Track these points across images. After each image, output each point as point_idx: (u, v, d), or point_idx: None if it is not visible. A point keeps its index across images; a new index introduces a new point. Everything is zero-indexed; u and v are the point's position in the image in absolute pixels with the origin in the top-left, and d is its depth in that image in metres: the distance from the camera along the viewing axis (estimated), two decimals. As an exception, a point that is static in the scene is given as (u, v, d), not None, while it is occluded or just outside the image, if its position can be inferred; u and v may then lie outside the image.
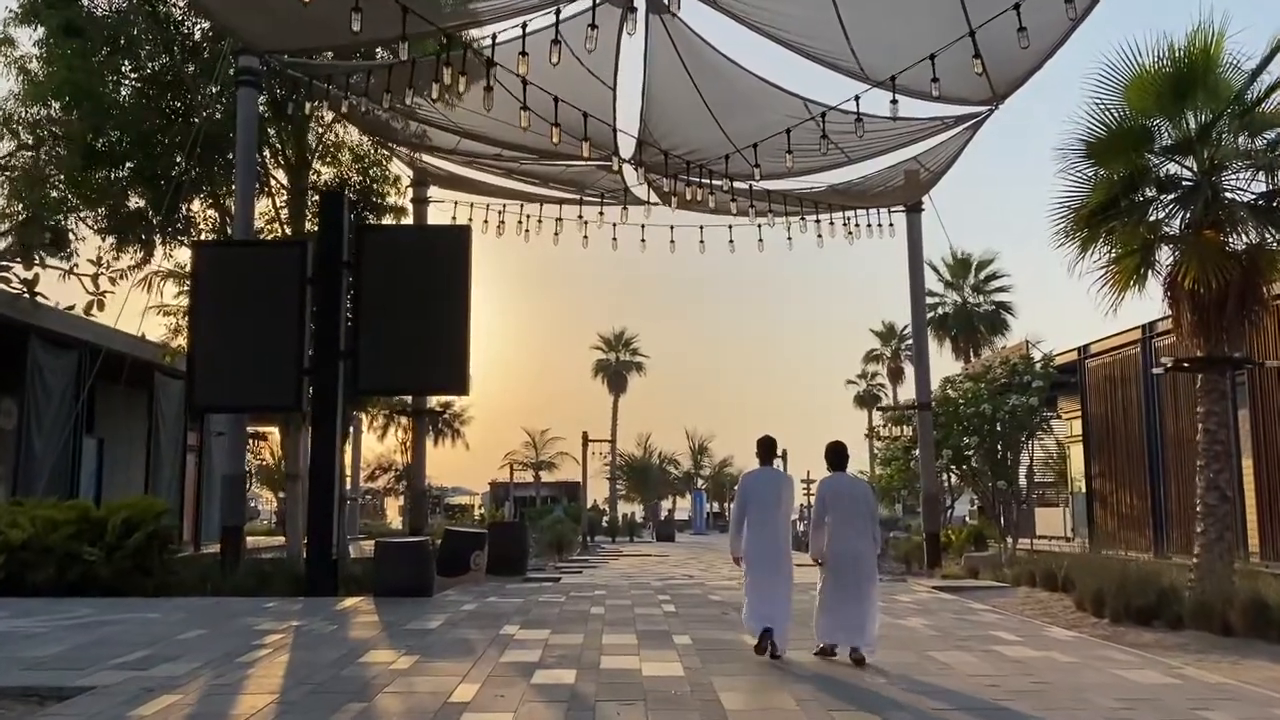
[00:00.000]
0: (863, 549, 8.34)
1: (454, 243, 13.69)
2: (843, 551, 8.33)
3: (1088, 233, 13.39)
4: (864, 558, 8.37)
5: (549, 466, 57.45)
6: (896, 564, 21.20)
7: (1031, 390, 22.10)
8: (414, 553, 12.96)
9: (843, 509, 8.36)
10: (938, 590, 14.87)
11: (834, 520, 8.35)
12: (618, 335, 62.45)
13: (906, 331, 59.28)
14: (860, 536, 8.31)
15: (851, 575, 8.32)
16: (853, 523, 8.32)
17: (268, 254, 13.75)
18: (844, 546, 8.31)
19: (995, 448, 22.79)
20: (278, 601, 12.37)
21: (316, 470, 13.23)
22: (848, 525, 8.32)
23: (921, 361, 20.45)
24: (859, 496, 8.49)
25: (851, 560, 8.32)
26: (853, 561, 8.33)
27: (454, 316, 13.44)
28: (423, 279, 13.55)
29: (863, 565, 8.37)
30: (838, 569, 8.34)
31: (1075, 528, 28.62)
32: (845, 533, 8.31)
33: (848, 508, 8.36)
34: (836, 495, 8.44)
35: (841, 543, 8.31)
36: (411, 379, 13.56)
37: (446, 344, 13.36)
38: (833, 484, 8.53)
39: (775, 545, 8.48)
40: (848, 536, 8.31)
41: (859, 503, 8.42)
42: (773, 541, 8.47)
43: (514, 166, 18.02)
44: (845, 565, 8.32)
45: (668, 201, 18.33)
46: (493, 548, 17.85)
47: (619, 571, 19.52)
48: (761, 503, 8.48)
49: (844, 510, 8.35)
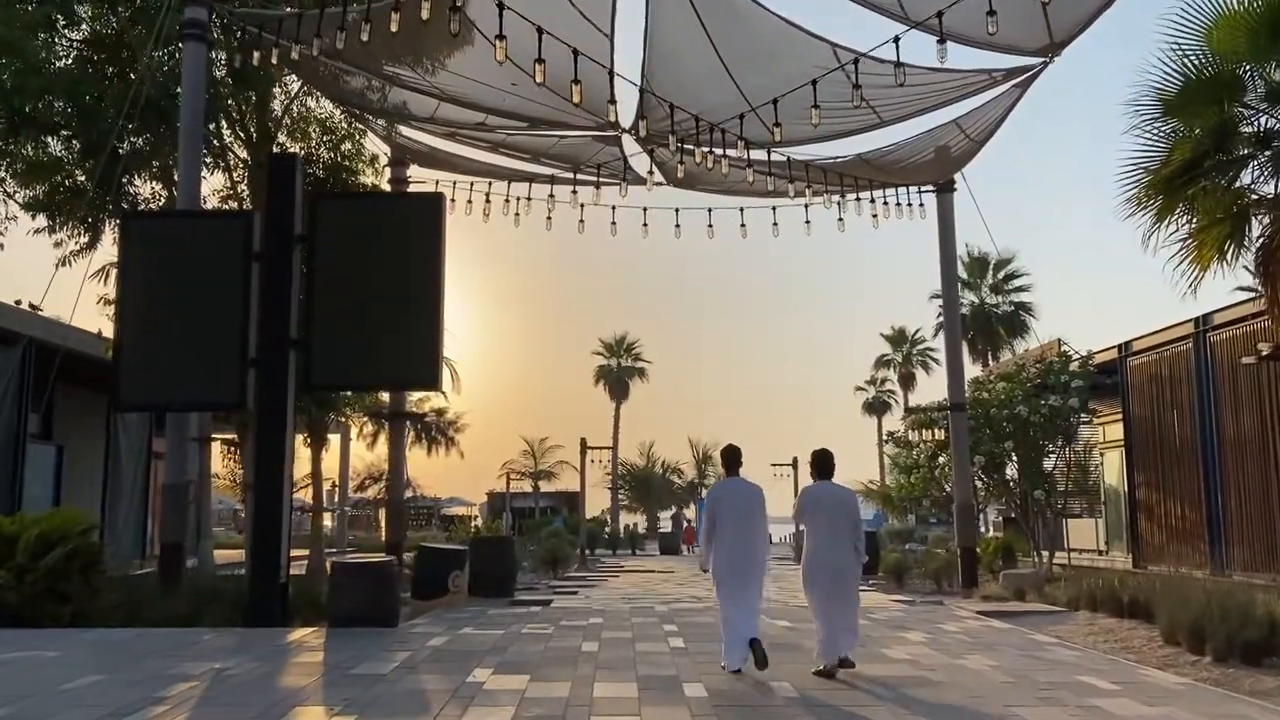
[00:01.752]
0: (846, 559, 8.05)
1: (424, 213, 11.79)
2: (825, 562, 8.05)
3: (1164, 199, 11.48)
4: (847, 568, 8.08)
5: (548, 476, 55.50)
6: (924, 582, 19.24)
7: (1071, 391, 20.16)
8: (376, 576, 11.02)
9: (825, 518, 8.10)
10: (985, 616, 12.91)
11: (817, 530, 8.12)
12: (619, 340, 60.55)
13: (919, 335, 57.44)
14: (843, 547, 8.03)
15: (834, 586, 8.04)
16: (836, 533, 8.05)
17: (207, 227, 11.86)
18: (827, 557, 8.05)
19: (1030, 453, 20.82)
20: (214, 633, 10.45)
21: (262, 477, 11.31)
22: (831, 535, 8.06)
23: (954, 358, 18.51)
24: (842, 505, 8.22)
25: (834, 571, 8.04)
26: (835, 572, 8.05)
27: (425, 299, 11.54)
28: (389, 255, 11.66)
29: (845, 575, 8.08)
30: (820, 580, 8.07)
31: (1109, 540, 26.71)
32: (828, 543, 8.06)
33: (830, 517, 8.10)
34: (818, 504, 8.18)
35: (824, 553, 8.06)
36: (375, 372, 11.64)
37: (416, 331, 11.45)
38: (815, 492, 8.29)
39: (748, 559, 8.14)
40: (831, 547, 8.04)
41: (842, 511, 8.15)
42: (745, 555, 8.13)
43: (500, 139, 16.14)
44: (827, 576, 8.05)
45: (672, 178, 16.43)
46: (477, 566, 15.93)
47: (619, 591, 17.56)
48: (732, 515, 8.18)
49: (827, 520, 8.09)
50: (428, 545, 14.45)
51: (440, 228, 11.69)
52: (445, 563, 13.97)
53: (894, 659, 9.03)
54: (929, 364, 57.14)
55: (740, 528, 8.15)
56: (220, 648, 9.43)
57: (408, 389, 15.78)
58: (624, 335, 60.80)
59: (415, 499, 52.48)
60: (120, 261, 11.80)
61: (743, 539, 8.13)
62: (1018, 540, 25.20)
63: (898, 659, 9.02)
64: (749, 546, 8.15)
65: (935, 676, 8.07)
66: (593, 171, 15.94)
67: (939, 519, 49.45)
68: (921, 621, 12.06)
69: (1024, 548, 25.52)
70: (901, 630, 11.13)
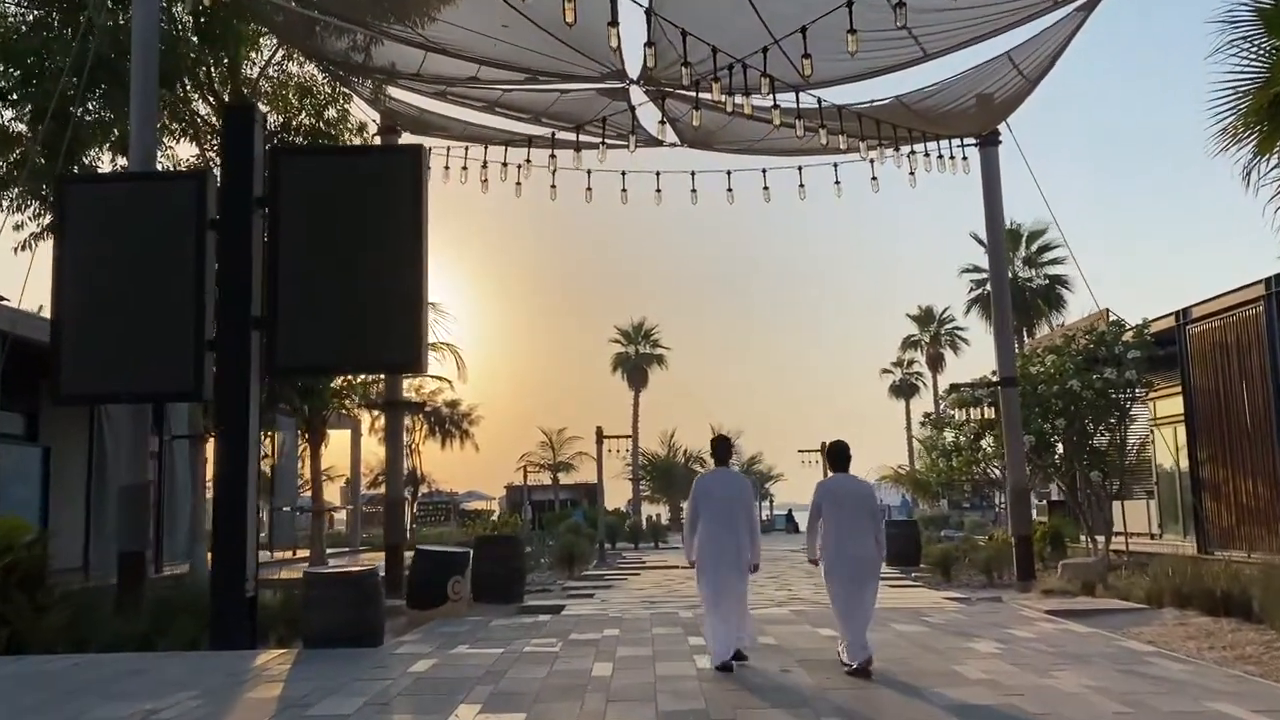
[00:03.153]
0: (866, 553, 7.86)
1: (402, 168, 10.25)
2: (846, 555, 7.84)
3: (1269, 127, 9.78)
4: (867, 562, 7.88)
5: (567, 468, 53.97)
6: (973, 574, 17.62)
7: (1128, 362, 18.46)
8: (355, 588, 9.52)
9: (844, 512, 7.92)
10: (1056, 616, 11.30)
11: (835, 524, 7.91)
12: (637, 326, 58.88)
13: (947, 314, 55.55)
14: (864, 541, 7.85)
15: (853, 583, 7.84)
16: (855, 526, 7.86)
17: (155, 191, 10.35)
18: (847, 550, 7.84)
19: (1085, 430, 19.14)
20: (168, 659, 9.01)
21: (223, 476, 9.83)
22: (849, 529, 7.87)
23: (1003, 329, 16.83)
24: (861, 498, 8.06)
25: (855, 564, 7.84)
26: (856, 565, 7.84)
27: (405, 267, 10.02)
28: (363, 219, 10.16)
29: (865, 569, 7.87)
30: (839, 576, 7.88)
31: (1163, 523, 24.94)
32: (847, 537, 7.86)
33: (849, 510, 7.93)
34: (837, 497, 8.00)
35: (843, 548, 7.85)
36: (349, 353, 10.11)
37: (396, 305, 9.95)
38: (832, 485, 8.14)
39: (733, 550, 8.02)
40: (850, 541, 7.85)
41: (861, 504, 8.00)
42: (730, 546, 8.02)
43: (496, 96, 14.57)
44: (848, 569, 7.85)
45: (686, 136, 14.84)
46: (482, 569, 14.46)
47: (639, 593, 16.02)
48: (716, 505, 8.08)
49: (846, 513, 7.92)
50: (425, 549, 12.97)
51: (421, 184, 10.17)
52: (444, 567, 12.48)
53: (969, 678, 7.45)
54: (958, 344, 55.37)
55: (725, 519, 8.02)
56: (165, 680, 7.96)
57: (387, 372, 14.25)
58: (642, 321, 59.22)
59: (431, 494, 51.25)
60: (57, 232, 10.33)
61: (728, 531, 8.00)
62: (1066, 525, 23.55)
63: (973, 678, 7.44)
64: (734, 539, 8.01)
65: (1026, 705, 6.50)
66: (597, 130, 14.35)
67: (972, 503, 47.81)
68: (986, 626, 10.47)
69: (1072, 533, 23.86)
70: (967, 638, 9.55)
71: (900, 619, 11.18)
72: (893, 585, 16.81)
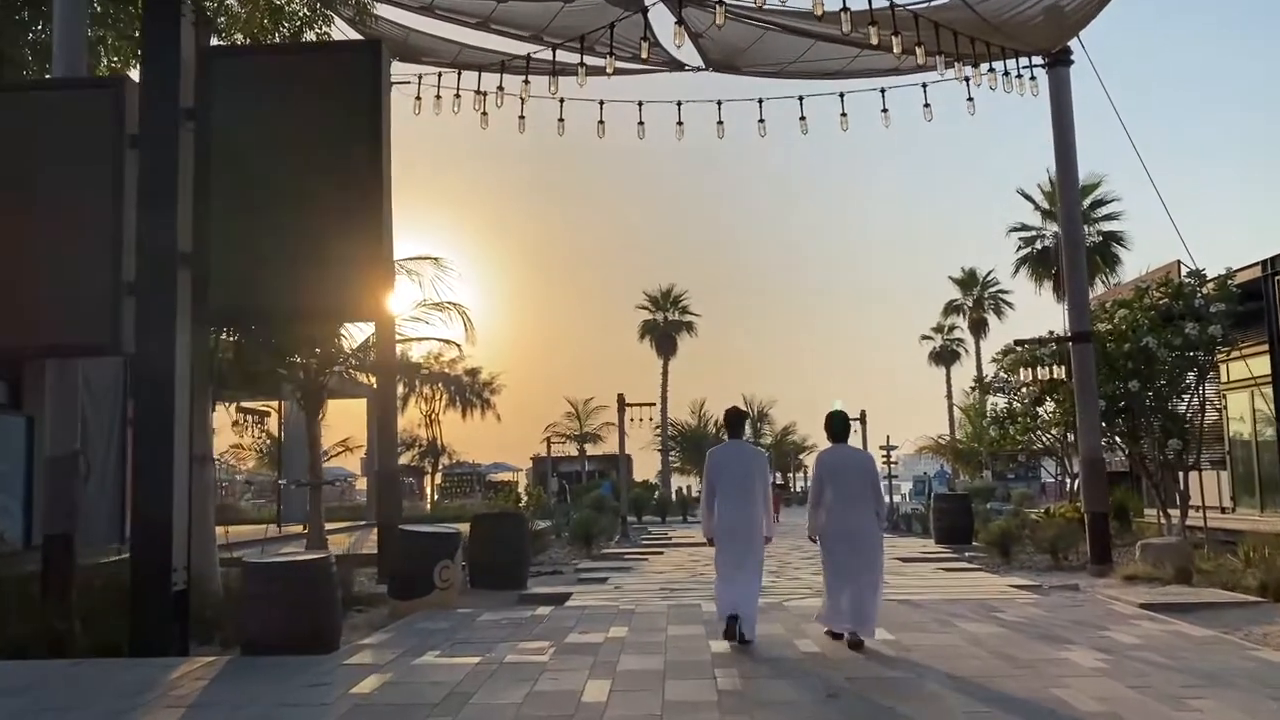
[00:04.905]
0: (865, 525, 7.77)
1: (358, 71, 8.39)
2: (843, 530, 7.77)
3: None
4: (866, 534, 7.78)
5: (594, 439, 52.22)
6: (1036, 555, 15.67)
7: (1211, 316, 16.32)
8: (302, 582, 7.80)
9: (844, 483, 7.84)
10: (1154, 611, 9.38)
11: (835, 495, 7.84)
12: (665, 292, 56.72)
13: (991, 278, 53.03)
14: (863, 512, 7.77)
15: (852, 555, 7.73)
16: (855, 497, 7.79)
17: (63, 103, 8.57)
18: (845, 524, 7.76)
19: (1162, 394, 17.06)
20: (69, 667, 7.36)
21: (145, 449, 8.13)
22: (849, 500, 7.79)
23: (1076, 278, 14.74)
24: (861, 469, 7.99)
25: (851, 537, 7.74)
26: (853, 539, 7.73)
27: (363, 192, 8.21)
28: (313, 134, 8.37)
29: (865, 542, 7.76)
30: (837, 548, 7.80)
31: (1236, 495, 22.82)
32: (846, 509, 7.78)
33: (850, 481, 7.85)
34: (836, 469, 7.93)
35: (842, 520, 7.77)
36: (296, 297, 8.32)
37: (352, 238, 8.15)
38: (833, 456, 8.07)
39: (747, 524, 7.89)
40: (849, 512, 7.77)
41: (862, 476, 7.91)
42: (744, 520, 7.89)
43: (490, 10, 12.66)
44: (845, 543, 7.75)
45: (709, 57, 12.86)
46: (480, 551, 12.78)
47: (660, 577, 14.22)
48: (731, 478, 7.96)
49: (846, 484, 7.84)
50: (409, 529, 11.26)
51: (380, 90, 8.33)
52: (430, 550, 10.75)
53: (1081, 710, 5.59)
54: (1002, 308, 52.85)
55: (740, 493, 7.90)
56: (40, 701, 6.29)
57: (341, 319, 12.48)
58: (670, 287, 57.08)
59: (454, 465, 49.86)
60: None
61: (742, 504, 7.89)
62: (1131, 499, 21.52)
63: (1086, 710, 5.58)
64: (749, 513, 7.89)
65: None
66: (605, 47, 12.39)
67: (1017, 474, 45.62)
68: (1076, 626, 8.58)
69: (1137, 506, 21.82)
70: (1057, 644, 7.67)
71: (967, 614, 9.30)
72: (948, 568, 14.91)
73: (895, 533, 24.50)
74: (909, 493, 51.43)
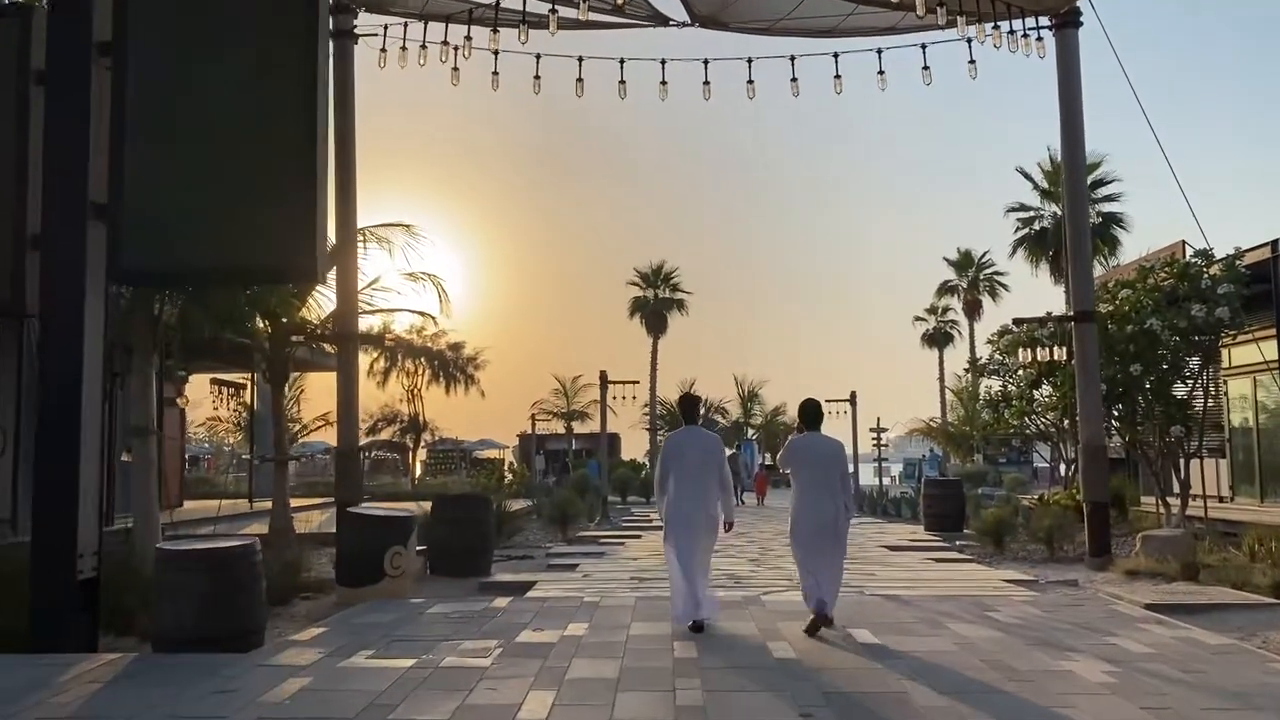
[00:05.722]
0: (834, 512, 7.68)
1: (295, 8, 7.51)
2: (812, 515, 7.71)
3: None
4: (831, 521, 7.67)
5: (582, 417, 51.37)
6: (1029, 546, 14.94)
7: (1219, 298, 15.53)
8: (221, 571, 7.00)
9: (814, 470, 7.83)
10: (1161, 613, 8.64)
11: (804, 481, 7.86)
12: (656, 269, 55.77)
13: (986, 259, 52.24)
14: (831, 500, 7.70)
15: (819, 538, 7.70)
16: (824, 485, 7.74)
17: (-39, 34, 7.76)
18: (814, 510, 7.71)
19: (1166, 378, 16.31)
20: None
21: (48, 422, 7.32)
22: (818, 487, 7.75)
23: (1081, 254, 13.92)
24: (831, 458, 7.94)
25: (819, 524, 7.68)
26: (820, 525, 7.68)
27: (296, 144, 7.36)
28: (242, 71, 7.50)
29: (831, 530, 7.68)
30: (806, 533, 7.75)
31: (1235, 484, 22.14)
32: (815, 496, 7.75)
33: (819, 469, 7.81)
34: (806, 455, 7.91)
35: (811, 506, 7.74)
36: (218, 254, 7.48)
37: (282, 194, 7.31)
38: (804, 442, 8.02)
39: (702, 512, 7.77)
40: (818, 499, 7.72)
41: (831, 464, 7.86)
42: (699, 508, 7.76)
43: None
44: (812, 529, 7.71)
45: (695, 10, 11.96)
46: (440, 535, 12.02)
47: (633, 564, 13.46)
48: (684, 465, 7.83)
49: (815, 471, 7.82)
50: (357, 512, 10.46)
51: (318, 29, 7.46)
52: (381, 535, 9.98)
53: (1090, 742, 4.83)
54: (997, 290, 52.11)
55: (694, 479, 7.79)
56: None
57: (270, 281, 11.54)
58: (661, 264, 56.16)
59: (438, 441, 49.08)
60: None
61: (698, 491, 7.78)
62: (1127, 486, 20.82)
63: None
64: (704, 499, 7.80)
65: None
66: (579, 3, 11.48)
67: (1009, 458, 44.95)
68: (1078, 629, 7.82)
69: (1133, 494, 21.14)
70: (1058, 652, 6.91)
71: (959, 614, 8.55)
72: (938, 558, 14.17)
73: (884, 518, 23.78)
74: (899, 475, 50.83)
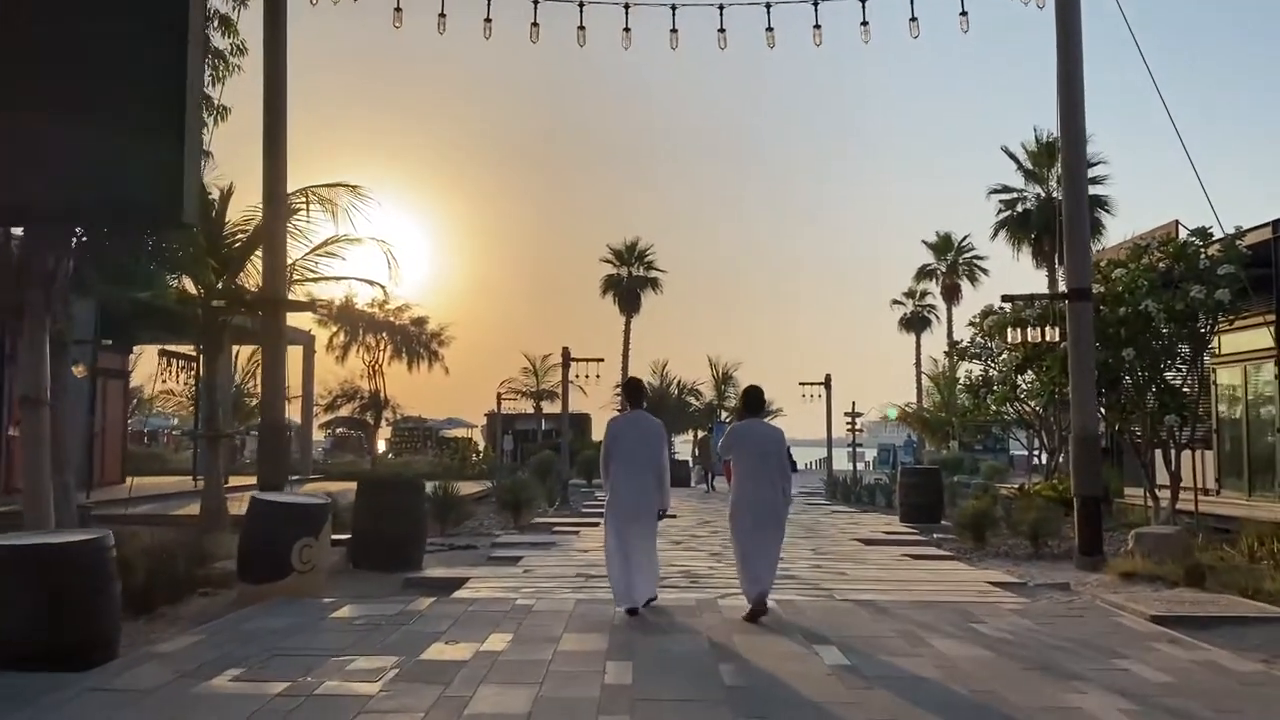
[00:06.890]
0: (771, 498, 7.74)
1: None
2: (750, 500, 7.77)
3: None
4: (769, 507, 7.74)
5: (551, 396, 50.15)
6: (1011, 540, 13.91)
7: (1218, 280, 14.54)
8: (57, 572, 5.77)
9: (752, 457, 7.84)
10: (1169, 626, 7.57)
11: (743, 468, 7.91)
12: (630, 246, 54.48)
13: (966, 243, 51.36)
14: (770, 487, 7.75)
15: (756, 525, 7.70)
16: (762, 472, 7.76)
17: None
18: (752, 495, 7.76)
19: (1160, 363, 15.33)
20: None
21: None
22: (757, 474, 7.78)
23: (1077, 226, 12.87)
24: (769, 445, 7.90)
25: (757, 509, 7.71)
26: (758, 511, 7.70)
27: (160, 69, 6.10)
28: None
29: (769, 514, 7.72)
30: (744, 518, 7.77)
31: (1221, 477, 21.28)
32: (755, 483, 7.77)
33: (757, 455, 7.82)
34: (747, 442, 7.95)
35: (751, 493, 7.77)
36: (69, 193, 6.21)
37: (142, 117, 6.05)
38: (745, 429, 8.14)
39: (640, 495, 7.84)
40: (758, 487, 7.75)
41: (769, 452, 7.84)
42: (640, 494, 7.84)
43: None
44: (750, 514, 7.73)
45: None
46: (366, 525, 10.83)
47: (582, 558, 12.28)
48: (626, 449, 7.91)
49: (753, 458, 7.84)
50: (263, 498, 9.25)
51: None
52: (289, 525, 8.77)
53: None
54: (976, 274, 51.25)
55: (637, 464, 7.83)
56: None
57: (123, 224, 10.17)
58: (635, 241, 54.89)
59: (402, 420, 47.74)
60: None
61: (639, 476, 7.82)
62: (1113, 477, 19.90)
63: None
64: (644, 484, 7.83)
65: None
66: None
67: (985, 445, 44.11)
68: (1079, 649, 6.74)
69: (1117, 486, 20.26)
70: (1059, 679, 5.82)
71: (941, 626, 7.45)
72: (916, 555, 13.07)
73: (857, 506, 22.72)
74: (873, 462, 49.96)
